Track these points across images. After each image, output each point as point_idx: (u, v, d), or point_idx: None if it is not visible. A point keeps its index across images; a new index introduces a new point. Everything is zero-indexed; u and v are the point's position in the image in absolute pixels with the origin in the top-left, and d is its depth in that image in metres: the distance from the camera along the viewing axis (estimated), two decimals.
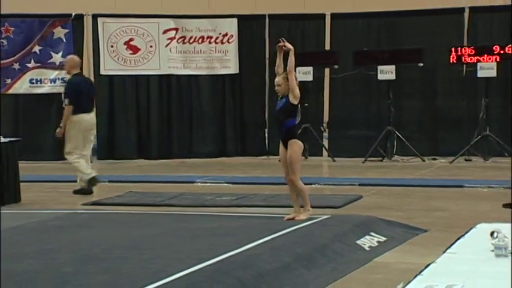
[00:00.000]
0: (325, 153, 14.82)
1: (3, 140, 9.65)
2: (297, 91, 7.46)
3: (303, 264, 5.78)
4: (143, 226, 7.57)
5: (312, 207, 7.71)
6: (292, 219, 7.52)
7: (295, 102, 7.45)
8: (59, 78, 14.41)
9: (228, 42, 14.97)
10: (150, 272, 5.40)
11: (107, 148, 15.02)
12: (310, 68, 13.92)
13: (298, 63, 14.17)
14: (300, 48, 14.95)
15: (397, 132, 14.22)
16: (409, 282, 5.11)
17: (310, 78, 14.25)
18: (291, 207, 8.26)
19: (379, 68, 14.12)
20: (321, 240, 6.50)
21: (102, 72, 14.85)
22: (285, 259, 5.78)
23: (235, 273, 5.25)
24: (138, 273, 5.41)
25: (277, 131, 7.93)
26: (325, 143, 15.12)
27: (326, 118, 15.15)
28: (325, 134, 15.27)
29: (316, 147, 14.59)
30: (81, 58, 14.65)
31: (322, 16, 15.00)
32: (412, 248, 6.64)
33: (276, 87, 7.60)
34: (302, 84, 15.54)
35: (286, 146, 7.54)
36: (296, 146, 7.52)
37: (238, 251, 5.97)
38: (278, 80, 7.59)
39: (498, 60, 13.46)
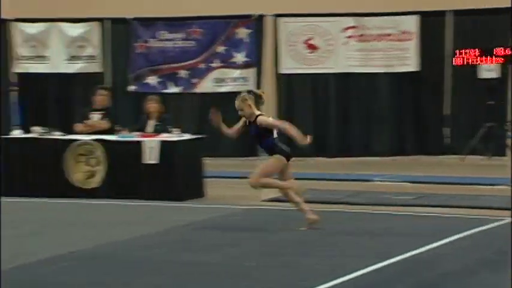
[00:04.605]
0: (509, 152, 14.17)
1: (188, 137, 10.08)
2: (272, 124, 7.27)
3: (488, 268, 5.58)
4: (323, 223, 7.62)
5: (497, 208, 7.40)
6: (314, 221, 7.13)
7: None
8: (240, 78, 14.81)
9: (408, 40, 14.71)
10: (330, 268, 5.44)
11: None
12: (496, 65, 13.37)
13: (483, 60, 13.66)
14: (485, 44, 14.35)
15: None
16: None
17: (494, 75, 13.72)
18: (473, 208, 8.00)
19: None
20: (507, 243, 6.25)
21: (282, 71, 15.09)
22: (468, 261, 5.62)
23: (416, 274, 5.18)
24: (317, 269, 5.47)
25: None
26: (510, 142, 14.46)
27: (510, 117, 14.49)
28: (509, 134, 14.61)
29: (500, 147, 14.01)
30: (261, 58, 14.96)
31: (508, 10, 14.33)
32: None
33: (240, 112, 7.36)
34: (486, 82, 14.93)
35: None
36: (275, 159, 7.29)
37: (418, 251, 5.87)
38: (238, 104, 7.34)
39: None
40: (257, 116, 7.22)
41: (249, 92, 7.44)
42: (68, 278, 5.47)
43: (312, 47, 14.90)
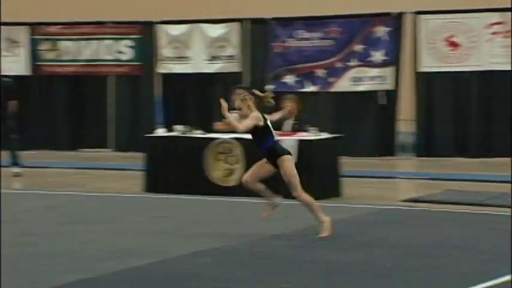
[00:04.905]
0: None
1: (325, 136, 10.07)
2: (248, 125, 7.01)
3: None
4: (464, 225, 7.43)
5: None
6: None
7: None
8: (378, 77, 14.65)
9: None
10: (471, 272, 5.29)
11: (425, 146, 14.94)
12: None
13: None
14: None
15: None
16: None
17: None
18: None
19: None
20: None
21: (421, 69, 14.80)
22: None
23: None
24: (456, 272, 5.33)
25: None
26: None
27: None
28: None
29: None
30: (400, 56, 14.73)
31: None
32: None
33: (238, 112, 7.15)
34: None
35: (273, 164, 7.07)
36: (286, 162, 7.00)
37: None
38: (238, 103, 7.12)
39: None
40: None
41: (251, 92, 7.29)
42: (208, 272, 5.61)
43: (454, 45, 14.53)
